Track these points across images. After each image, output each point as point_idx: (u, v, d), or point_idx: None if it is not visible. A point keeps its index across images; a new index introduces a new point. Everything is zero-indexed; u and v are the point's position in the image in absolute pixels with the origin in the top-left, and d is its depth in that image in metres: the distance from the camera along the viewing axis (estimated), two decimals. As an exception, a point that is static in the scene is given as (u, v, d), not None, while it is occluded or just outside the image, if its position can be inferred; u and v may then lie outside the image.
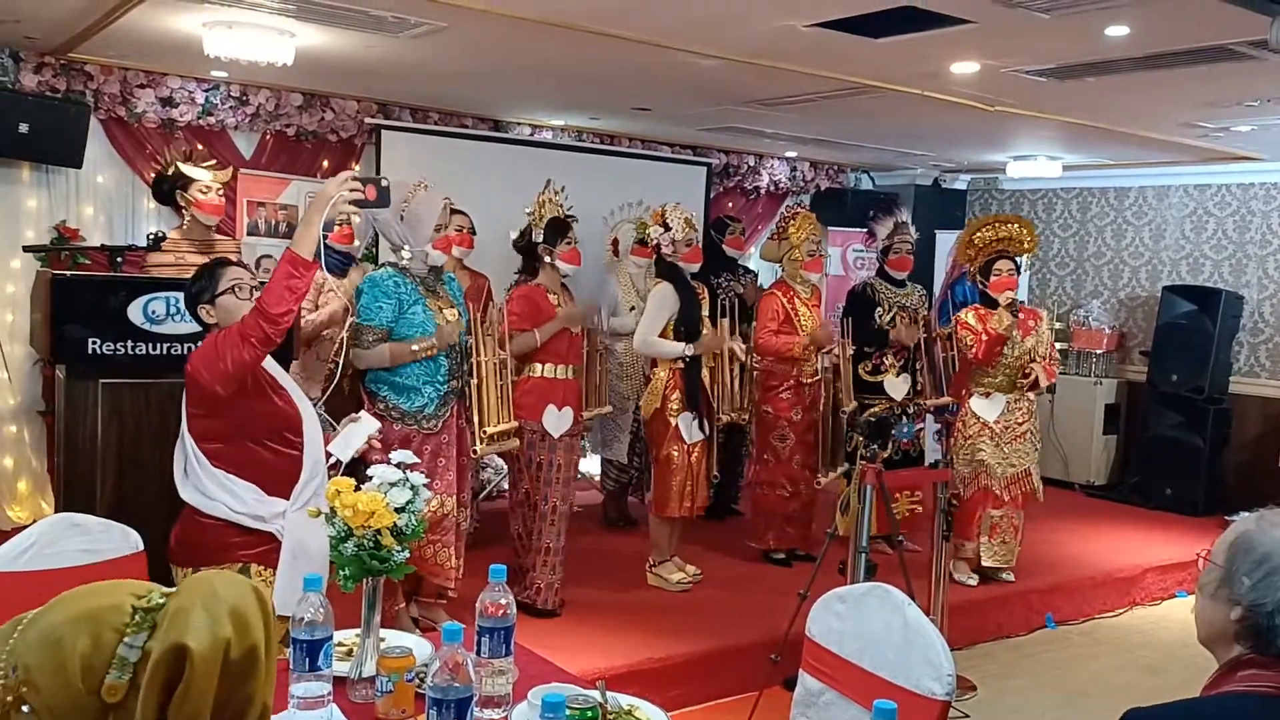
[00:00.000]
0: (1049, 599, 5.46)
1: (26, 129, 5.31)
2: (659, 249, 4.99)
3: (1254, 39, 3.93)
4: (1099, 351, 8.14)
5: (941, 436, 4.62)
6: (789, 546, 5.56)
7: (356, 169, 6.66)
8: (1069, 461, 8.02)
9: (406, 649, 2.06)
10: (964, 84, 5.17)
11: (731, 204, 8.18)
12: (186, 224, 4.84)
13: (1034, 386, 5.38)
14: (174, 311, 3.47)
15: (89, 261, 5.42)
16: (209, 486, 2.77)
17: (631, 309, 5.80)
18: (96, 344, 3.39)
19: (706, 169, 7.83)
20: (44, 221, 5.71)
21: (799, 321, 5.41)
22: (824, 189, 8.80)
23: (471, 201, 5.63)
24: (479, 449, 4.01)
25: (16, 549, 2.36)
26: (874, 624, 2.20)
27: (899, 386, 5.53)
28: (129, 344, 3.43)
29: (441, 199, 3.98)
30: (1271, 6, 3.30)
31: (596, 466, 6.62)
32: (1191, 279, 7.89)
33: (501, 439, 4.14)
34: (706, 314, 5.09)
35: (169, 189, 4.82)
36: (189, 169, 4.76)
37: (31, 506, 5.73)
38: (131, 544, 2.50)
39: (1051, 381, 5.52)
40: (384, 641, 2.17)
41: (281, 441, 2.83)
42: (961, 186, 9.29)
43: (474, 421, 4.05)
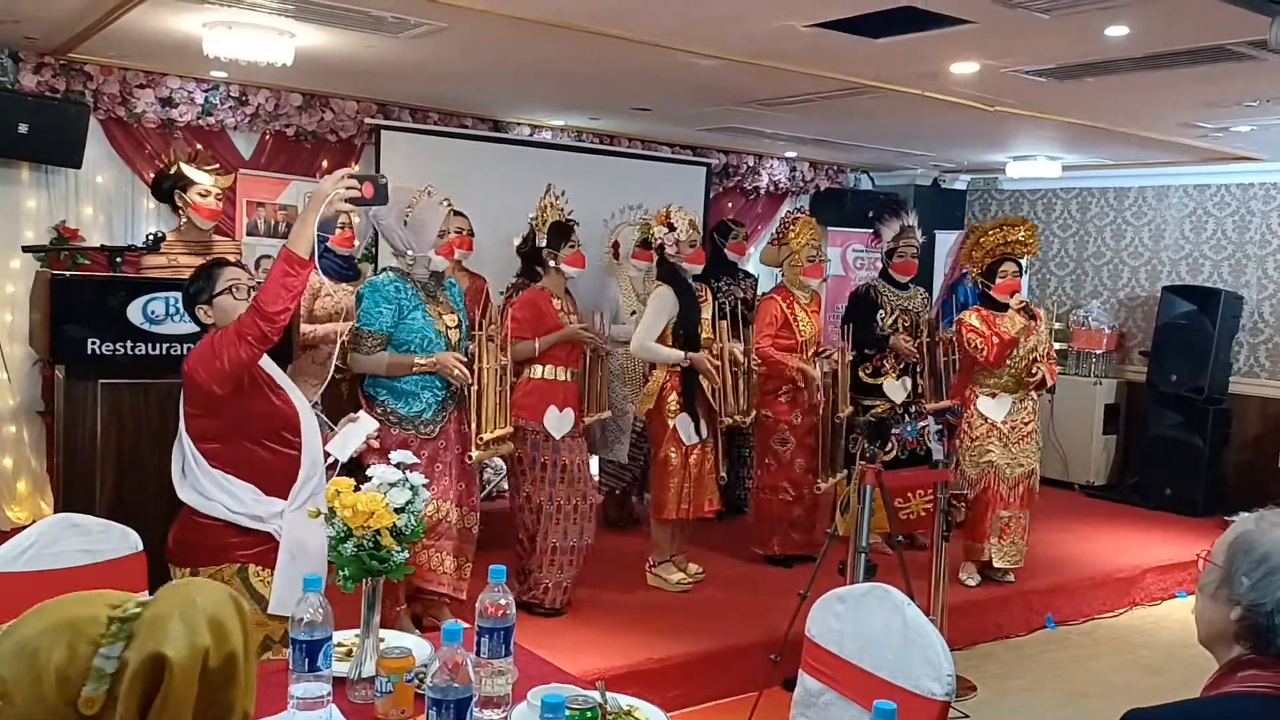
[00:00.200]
0: (1049, 599, 5.46)
1: (26, 129, 5.31)
2: (662, 249, 4.97)
3: (1254, 39, 3.93)
4: (1099, 351, 8.14)
5: (943, 437, 4.61)
6: (794, 552, 5.52)
7: (356, 169, 6.66)
8: (1069, 462, 8.02)
9: (406, 649, 2.06)
10: (964, 84, 5.17)
11: (731, 204, 8.18)
12: (183, 225, 4.84)
13: (1041, 385, 5.38)
14: (173, 312, 3.47)
15: (88, 262, 5.42)
16: (206, 486, 2.77)
17: (633, 313, 5.78)
18: (96, 344, 3.39)
19: (706, 169, 7.83)
20: (43, 222, 5.71)
21: (797, 327, 5.40)
22: (824, 189, 8.80)
23: (471, 202, 5.63)
24: (474, 455, 4.02)
25: (16, 549, 2.36)
26: (874, 624, 2.20)
27: (898, 389, 5.53)
28: (128, 344, 3.43)
29: (445, 205, 3.99)
30: (1271, 6, 3.30)
31: (596, 467, 6.61)
32: (1191, 279, 7.89)
33: (497, 444, 4.15)
34: (708, 316, 5.08)
35: (169, 188, 4.81)
36: (190, 171, 4.75)
37: (31, 507, 5.73)
38: (131, 544, 2.50)
39: (1052, 382, 5.53)
40: (383, 642, 2.17)
41: (279, 441, 2.83)
42: (961, 187, 9.29)
43: (471, 427, 4.06)
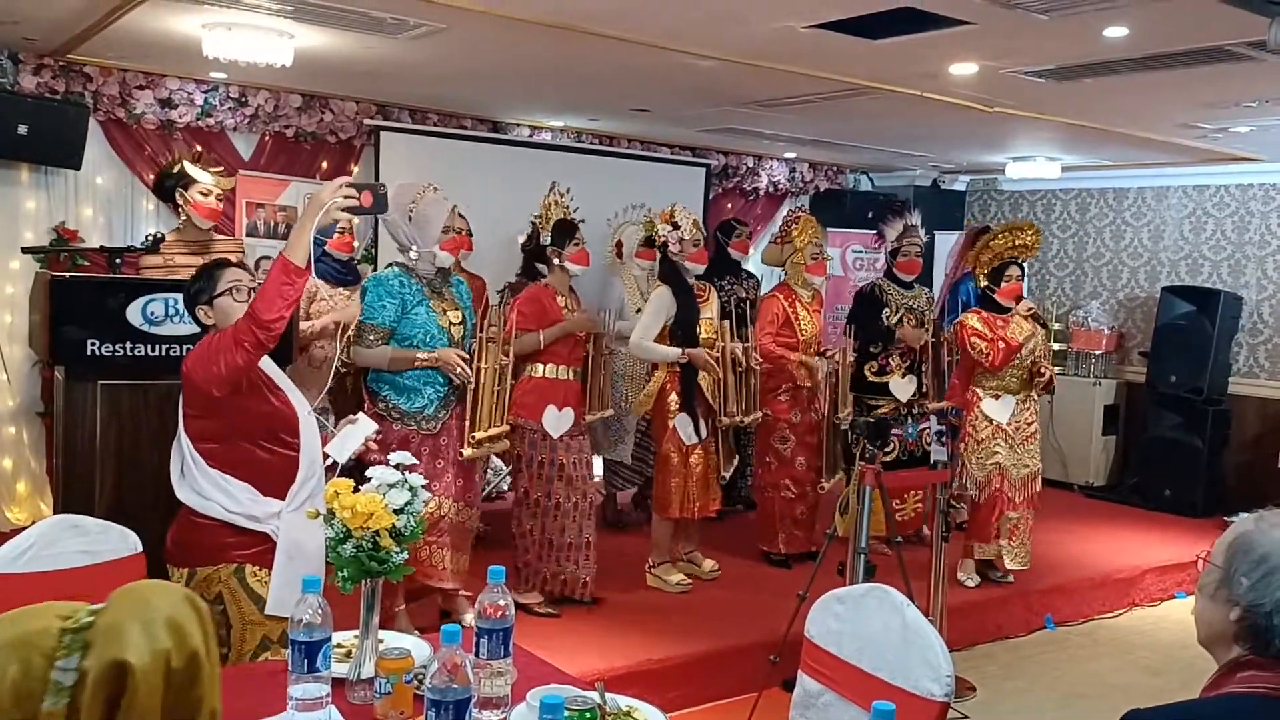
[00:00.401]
0: (1048, 600, 5.46)
1: (25, 130, 5.31)
2: (665, 247, 4.96)
3: (1253, 40, 3.93)
4: (1098, 352, 8.14)
5: (944, 439, 4.60)
6: (799, 549, 5.53)
7: (355, 170, 6.66)
8: (1068, 462, 8.01)
9: (405, 650, 2.06)
10: (963, 85, 5.17)
11: (730, 205, 8.17)
12: (182, 224, 4.84)
13: (1047, 387, 5.39)
14: (173, 313, 3.47)
15: (88, 263, 5.42)
16: (204, 486, 2.77)
17: (637, 311, 5.78)
18: (95, 345, 3.39)
19: (705, 170, 7.83)
20: (43, 223, 5.71)
21: (799, 326, 5.41)
22: (823, 190, 8.80)
23: (470, 203, 5.61)
24: (466, 452, 4.01)
25: (15, 550, 2.36)
26: (873, 625, 2.20)
27: (904, 387, 5.52)
28: (128, 345, 3.42)
29: (450, 201, 4.00)
30: (1270, 7, 3.31)
31: (599, 467, 6.60)
32: (1190, 280, 7.90)
33: (491, 442, 4.14)
34: (712, 316, 5.06)
35: (170, 186, 4.82)
36: (193, 169, 4.76)
37: (30, 508, 5.73)
38: (130, 545, 2.50)
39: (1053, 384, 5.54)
40: (382, 643, 2.17)
41: (277, 442, 2.82)
42: (960, 188, 9.29)
43: (467, 424, 4.05)
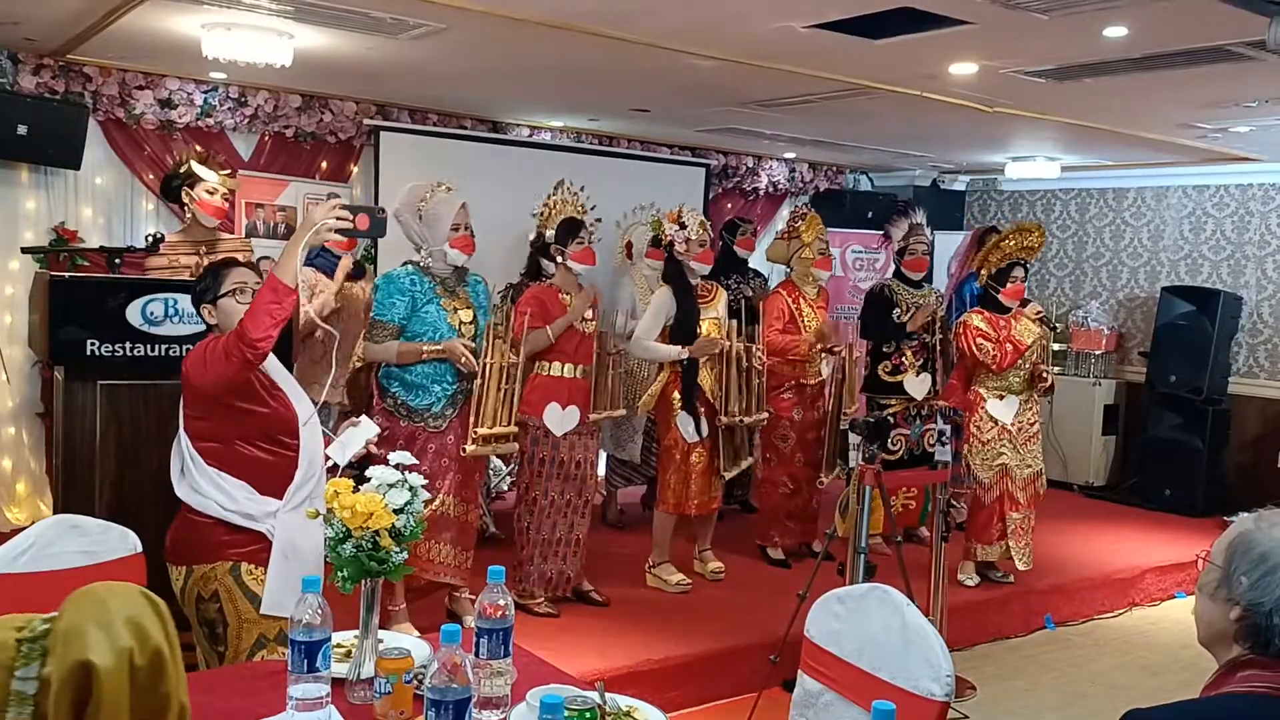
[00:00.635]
0: (1048, 600, 5.46)
1: (25, 130, 5.31)
2: (671, 246, 4.96)
3: (1252, 39, 3.93)
4: (1098, 352, 8.14)
5: (948, 438, 4.60)
6: (795, 542, 5.55)
7: (355, 169, 6.66)
8: (1068, 462, 8.01)
9: (405, 650, 2.05)
10: (963, 85, 5.17)
11: (730, 205, 8.17)
12: (188, 223, 4.84)
13: (1049, 389, 5.40)
14: (172, 313, 3.47)
15: (87, 263, 5.41)
16: (201, 484, 2.77)
17: None
18: (95, 345, 3.39)
19: (705, 170, 7.83)
20: (42, 223, 5.72)
21: (803, 322, 5.43)
22: (823, 190, 8.80)
23: (470, 203, 5.60)
24: (468, 449, 4.00)
25: (15, 550, 2.36)
26: (873, 625, 2.20)
27: (919, 385, 5.52)
28: (127, 346, 3.42)
29: (460, 199, 4.01)
30: (1269, 7, 3.31)
31: (602, 466, 6.60)
32: (1190, 280, 7.90)
33: (499, 441, 4.13)
34: (718, 315, 5.05)
35: (177, 185, 4.82)
36: (200, 168, 4.76)
37: (30, 508, 5.73)
38: (130, 545, 2.50)
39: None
40: (382, 643, 2.17)
41: (275, 443, 2.81)
42: (960, 188, 9.29)
43: (471, 420, 4.05)
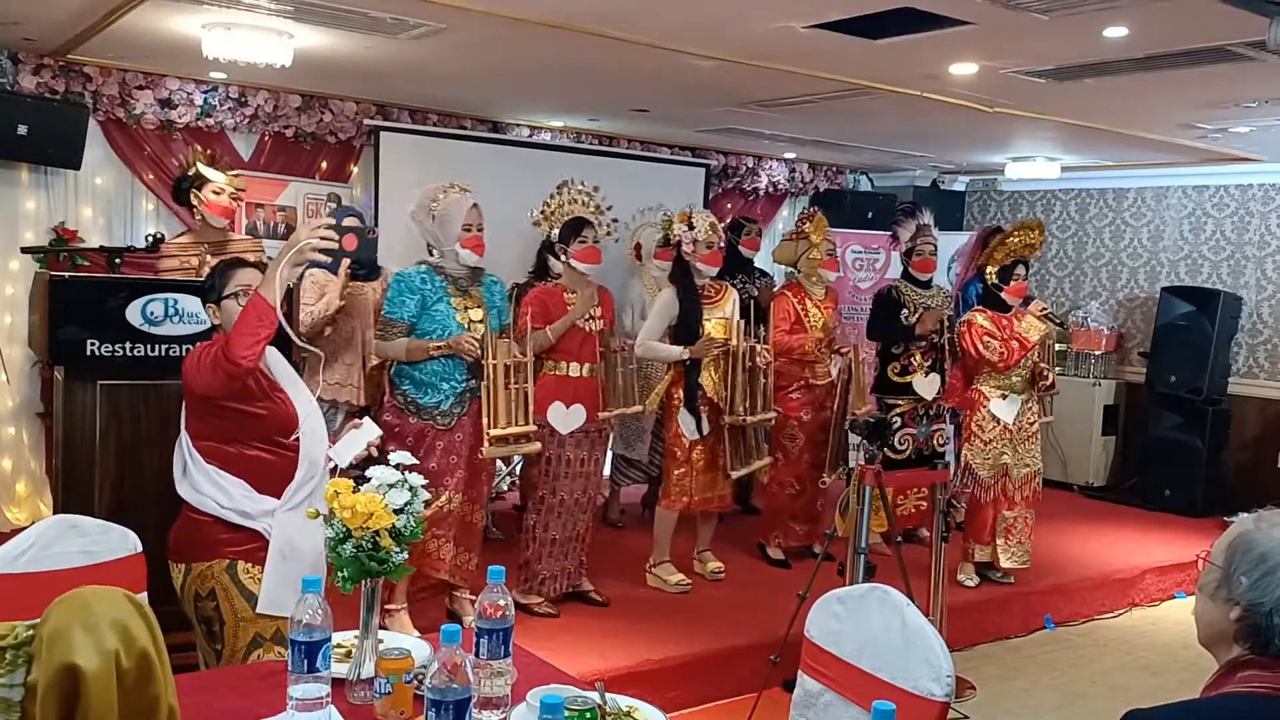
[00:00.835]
0: (1048, 600, 5.46)
1: (25, 130, 5.31)
2: (679, 246, 4.96)
3: (1252, 40, 3.93)
4: (1098, 352, 8.14)
5: (948, 438, 4.60)
6: (798, 544, 5.54)
7: (354, 170, 6.66)
8: (1068, 462, 8.01)
9: (405, 650, 2.05)
10: (963, 85, 5.17)
11: (730, 205, 8.17)
12: (198, 225, 4.84)
13: (1049, 388, 5.41)
14: (172, 313, 3.47)
15: (87, 263, 5.42)
16: (201, 482, 2.77)
17: None
18: (95, 345, 3.39)
19: (705, 170, 7.82)
20: (42, 223, 5.72)
21: (809, 322, 5.43)
22: (823, 190, 8.80)
23: (470, 203, 5.62)
24: (484, 450, 4.03)
25: (15, 550, 2.35)
26: (873, 625, 2.20)
27: (928, 386, 5.51)
28: (127, 345, 3.43)
29: (470, 200, 4.04)
30: (1270, 7, 3.31)
31: (606, 465, 6.60)
32: (1190, 280, 7.90)
33: (518, 441, 4.12)
34: (726, 315, 5.03)
35: (186, 188, 4.82)
36: (207, 170, 4.76)
37: (30, 508, 5.73)
38: (130, 545, 2.50)
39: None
40: (382, 643, 2.17)
41: (274, 444, 2.81)
42: (960, 188, 9.29)
43: (484, 421, 4.06)
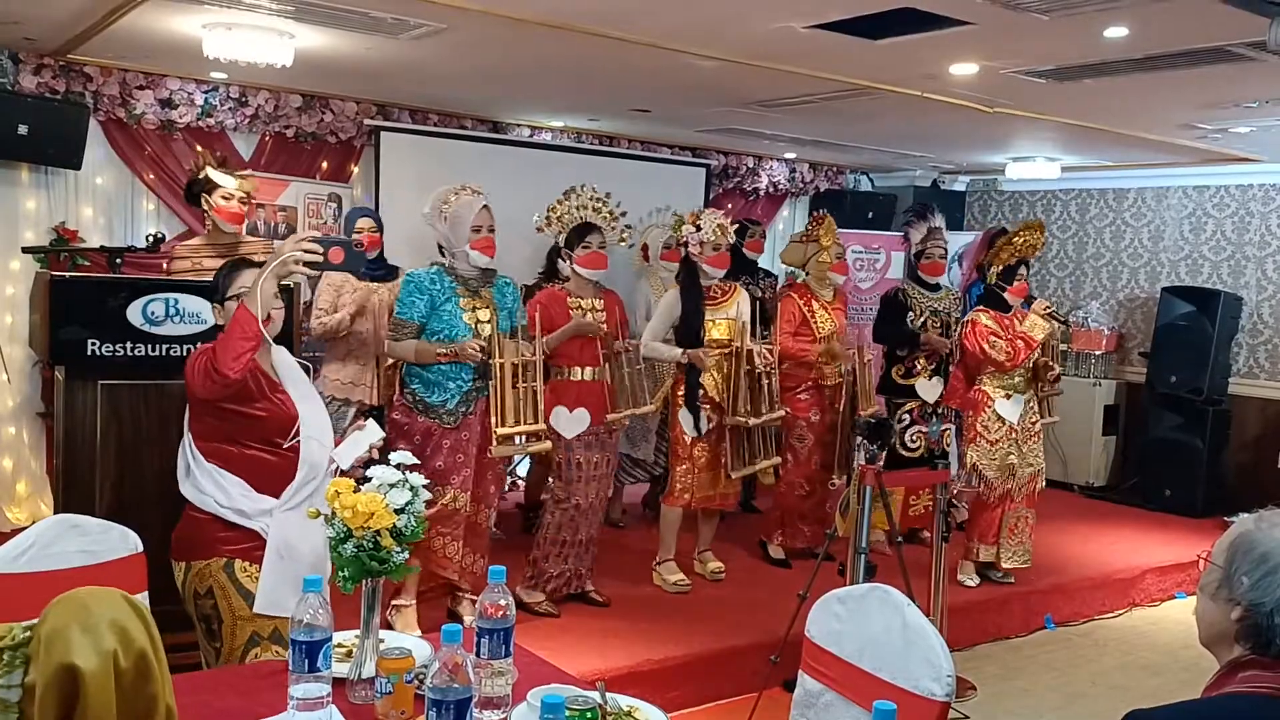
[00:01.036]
0: (1048, 600, 5.46)
1: (26, 130, 5.32)
2: (686, 247, 4.96)
3: (1252, 40, 3.93)
4: (1098, 352, 8.14)
5: (950, 438, 4.61)
6: (804, 545, 5.54)
7: (355, 170, 6.66)
8: (1068, 462, 8.01)
9: (406, 650, 2.05)
10: (963, 85, 5.17)
11: (731, 205, 8.17)
12: (209, 228, 4.84)
13: (1055, 382, 5.43)
14: (173, 313, 3.47)
15: (88, 263, 5.42)
16: (201, 481, 2.77)
17: None
18: (95, 345, 3.39)
19: (705, 170, 7.83)
20: (43, 223, 5.72)
21: (815, 324, 5.42)
22: (823, 190, 8.80)
23: (470, 203, 5.62)
24: (493, 450, 4.05)
25: (15, 550, 2.35)
26: (873, 625, 2.20)
27: (931, 389, 5.53)
28: (128, 345, 3.42)
29: (481, 201, 4.04)
30: (1270, 7, 3.31)
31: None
32: (1190, 280, 7.90)
33: (527, 440, 4.13)
34: (733, 316, 5.03)
35: (197, 192, 4.82)
36: (216, 174, 4.74)
37: (30, 508, 5.73)
38: (130, 545, 2.50)
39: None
40: (383, 643, 2.17)
41: (274, 445, 2.81)
42: (960, 188, 9.29)
43: (492, 421, 4.08)
